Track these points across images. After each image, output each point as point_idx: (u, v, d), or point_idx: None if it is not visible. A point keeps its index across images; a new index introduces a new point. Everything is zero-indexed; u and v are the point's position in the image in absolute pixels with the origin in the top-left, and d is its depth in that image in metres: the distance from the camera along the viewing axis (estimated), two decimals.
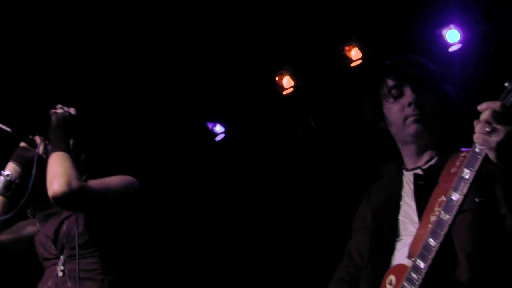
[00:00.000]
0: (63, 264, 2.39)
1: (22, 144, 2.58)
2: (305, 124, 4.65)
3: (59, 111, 2.51)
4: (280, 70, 4.59)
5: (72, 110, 2.54)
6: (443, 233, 1.71)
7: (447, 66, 3.75)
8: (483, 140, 1.64)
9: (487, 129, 1.63)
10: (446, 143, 2.10)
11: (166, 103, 4.63)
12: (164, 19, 4.09)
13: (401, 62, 2.20)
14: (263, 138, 4.79)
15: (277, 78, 4.61)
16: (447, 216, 1.72)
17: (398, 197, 2.10)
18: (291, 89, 4.61)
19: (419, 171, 2.08)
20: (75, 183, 2.25)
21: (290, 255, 4.74)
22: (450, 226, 1.71)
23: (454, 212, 1.70)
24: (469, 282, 1.77)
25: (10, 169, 2.54)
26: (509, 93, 1.70)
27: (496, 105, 1.63)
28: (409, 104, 2.07)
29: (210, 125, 4.88)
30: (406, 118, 2.08)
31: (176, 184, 4.81)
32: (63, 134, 2.44)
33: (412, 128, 2.08)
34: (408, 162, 2.16)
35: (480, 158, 1.68)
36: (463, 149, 1.99)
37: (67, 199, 2.25)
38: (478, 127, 1.66)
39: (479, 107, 1.67)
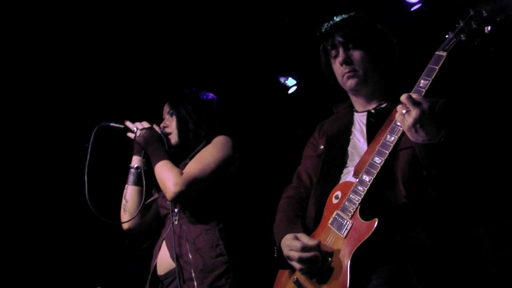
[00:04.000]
0: (178, 214, 2.71)
1: (131, 135, 2.85)
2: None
3: (138, 132, 2.81)
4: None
5: (145, 124, 2.85)
6: (387, 152, 1.97)
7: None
8: (400, 120, 1.93)
9: (403, 111, 1.91)
10: (391, 91, 2.33)
11: None
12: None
13: (337, 22, 2.39)
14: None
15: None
16: (392, 138, 1.98)
17: (348, 132, 2.34)
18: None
19: (371, 110, 2.33)
20: (180, 181, 2.60)
21: None
22: (394, 146, 1.97)
23: (398, 134, 1.97)
24: (406, 198, 1.99)
25: (136, 161, 2.88)
26: (450, 41, 2.01)
27: (415, 94, 1.92)
28: (341, 62, 2.31)
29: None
30: (342, 75, 2.34)
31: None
32: (155, 146, 2.77)
33: (348, 83, 2.33)
34: (358, 107, 2.41)
35: (401, 129, 1.99)
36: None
37: (181, 197, 2.62)
38: (398, 107, 1.94)
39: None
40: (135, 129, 2.85)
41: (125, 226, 2.89)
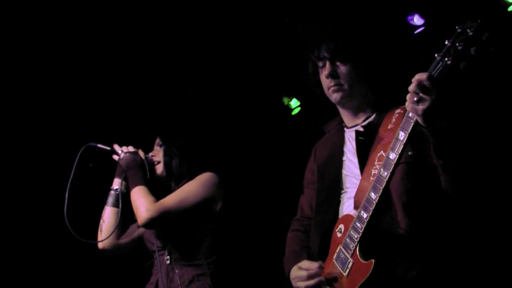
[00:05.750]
0: (169, 254, 2.77)
1: (115, 157, 2.91)
2: None
3: (122, 155, 2.87)
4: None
5: (130, 148, 2.90)
6: (382, 187, 1.96)
7: None
8: (412, 108, 1.86)
9: (415, 98, 1.84)
10: (380, 103, 2.31)
11: None
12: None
13: (324, 35, 2.33)
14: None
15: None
16: (385, 173, 1.96)
17: (341, 153, 2.34)
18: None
19: (359, 128, 2.30)
20: (151, 207, 2.67)
21: None
22: (388, 182, 1.96)
23: (391, 169, 1.95)
24: (406, 227, 2.02)
25: (117, 184, 2.94)
26: (437, 64, 1.92)
27: (423, 77, 1.84)
28: (327, 76, 2.28)
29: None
30: (328, 88, 2.31)
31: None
32: (135, 171, 2.82)
33: (333, 97, 2.31)
34: (347, 121, 2.39)
35: (412, 122, 1.93)
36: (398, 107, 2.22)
37: (151, 224, 2.70)
38: (408, 96, 1.87)
39: (413, 79, 1.89)
40: (120, 152, 2.91)
41: (100, 245, 2.96)
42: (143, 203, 2.69)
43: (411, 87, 1.86)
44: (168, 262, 2.78)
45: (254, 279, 4.18)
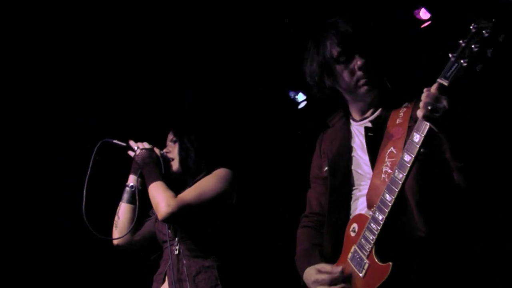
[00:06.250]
0: (178, 244, 2.79)
1: (131, 154, 2.91)
2: None
3: (138, 151, 2.85)
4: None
5: (146, 144, 2.89)
6: (397, 190, 1.95)
7: None
8: (427, 118, 1.86)
9: (429, 107, 1.84)
10: (388, 97, 2.31)
11: None
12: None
13: (344, 25, 2.26)
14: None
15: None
16: (401, 175, 1.95)
17: (349, 149, 2.33)
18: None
19: (367, 123, 2.30)
20: (172, 202, 2.68)
21: None
22: (403, 184, 1.96)
23: (406, 171, 1.94)
24: (423, 228, 2.02)
25: (132, 180, 2.94)
26: (452, 66, 1.90)
27: (433, 88, 1.86)
28: (359, 68, 2.23)
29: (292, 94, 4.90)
30: (357, 81, 2.26)
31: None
32: (151, 167, 2.79)
33: (363, 89, 2.27)
34: (355, 114, 2.38)
35: (428, 125, 1.93)
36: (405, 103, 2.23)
37: (172, 219, 2.72)
38: (422, 104, 1.86)
39: (424, 89, 1.88)
40: (136, 148, 2.91)
41: (115, 242, 2.99)
42: (163, 198, 2.69)
43: (424, 97, 1.86)
44: (176, 252, 2.79)
45: (261, 274, 4.19)
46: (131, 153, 2.93)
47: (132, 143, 2.95)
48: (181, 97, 4.53)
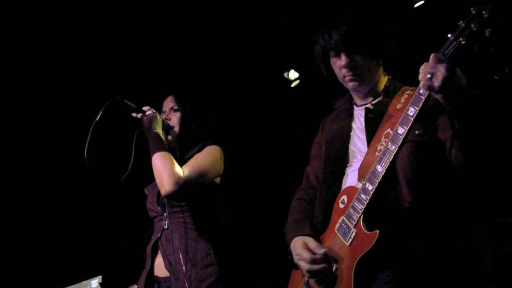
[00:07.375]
0: (167, 219, 2.75)
1: (137, 115, 2.84)
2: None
3: (148, 112, 2.76)
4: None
5: (152, 110, 2.83)
6: (389, 161, 2.00)
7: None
8: (427, 86, 1.90)
9: (428, 76, 1.88)
10: (390, 86, 2.35)
11: None
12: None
13: (334, 23, 2.31)
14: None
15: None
16: (393, 147, 2.00)
17: (349, 129, 2.38)
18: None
19: (369, 105, 2.35)
20: (180, 180, 2.60)
21: None
22: (395, 155, 2.00)
23: (399, 143, 1.99)
24: (411, 202, 2.05)
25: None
26: (451, 44, 1.96)
27: (430, 58, 1.89)
28: (343, 67, 2.29)
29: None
30: (343, 76, 2.33)
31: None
32: (158, 134, 2.70)
33: (349, 85, 2.35)
34: (357, 100, 2.43)
35: (423, 98, 1.97)
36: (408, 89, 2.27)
37: (177, 195, 2.63)
38: (420, 75, 1.91)
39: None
40: (145, 109, 2.83)
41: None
42: (172, 174, 2.60)
43: (422, 68, 1.90)
44: (166, 227, 2.76)
45: (252, 250, 4.21)
46: (137, 115, 2.83)
47: (144, 107, 2.86)
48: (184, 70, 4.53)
